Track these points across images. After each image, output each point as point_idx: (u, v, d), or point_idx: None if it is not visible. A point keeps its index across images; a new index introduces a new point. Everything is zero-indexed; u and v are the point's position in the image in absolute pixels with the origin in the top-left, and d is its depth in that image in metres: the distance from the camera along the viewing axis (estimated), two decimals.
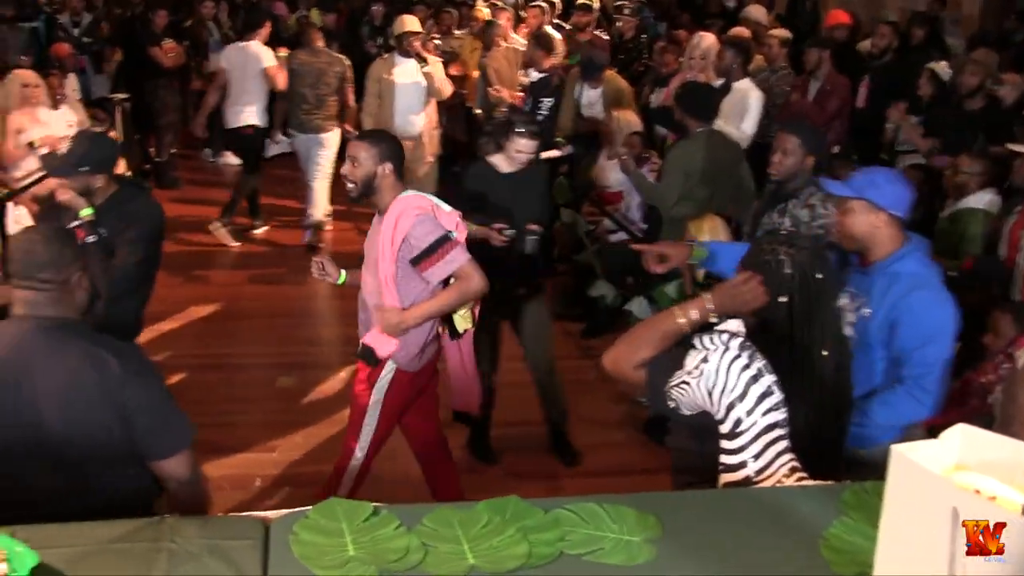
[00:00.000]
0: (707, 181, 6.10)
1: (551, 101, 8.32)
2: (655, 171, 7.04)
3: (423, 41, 9.01)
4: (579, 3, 11.12)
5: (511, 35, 9.91)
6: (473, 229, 4.67)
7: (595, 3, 11.21)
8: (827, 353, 2.98)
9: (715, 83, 7.43)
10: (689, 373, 2.76)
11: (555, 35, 9.28)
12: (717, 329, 2.80)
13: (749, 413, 2.68)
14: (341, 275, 4.51)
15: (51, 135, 7.56)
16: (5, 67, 9.27)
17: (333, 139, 8.91)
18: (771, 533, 2.42)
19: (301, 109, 8.83)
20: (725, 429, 2.72)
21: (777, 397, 2.69)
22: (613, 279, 7.09)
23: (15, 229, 7.01)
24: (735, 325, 2.83)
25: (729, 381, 2.68)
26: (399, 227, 4.13)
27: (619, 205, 7.72)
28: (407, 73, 8.32)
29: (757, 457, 2.68)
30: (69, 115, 8.72)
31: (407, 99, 8.31)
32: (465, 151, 10.73)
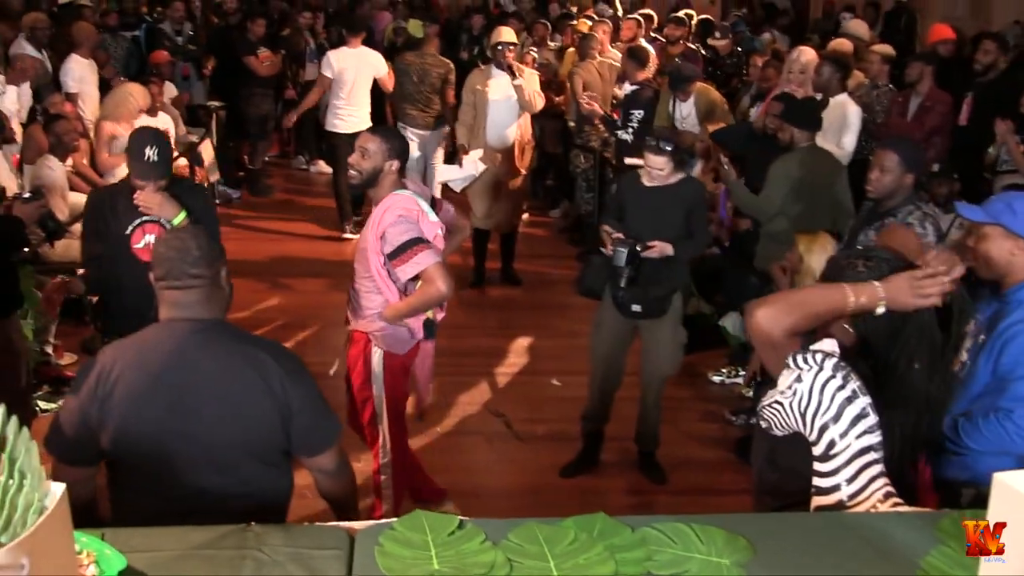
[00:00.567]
0: (803, 196, 6.01)
1: (641, 114, 8.26)
2: None
3: (520, 54, 9.10)
4: (673, 16, 11.06)
5: (608, 49, 9.87)
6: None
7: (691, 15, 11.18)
8: (919, 366, 2.88)
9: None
10: (782, 393, 2.71)
11: (648, 48, 9.23)
12: (811, 349, 2.73)
13: (843, 435, 2.61)
14: None
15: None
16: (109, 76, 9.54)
17: (438, 135, 9.77)
18: (865, 560, 2.35)
19: (411, 107, 9.50)
20: (818, 451, 2.66)
21: (872, 419, 2.62)
22: (707, 295, 7.02)
23: None
24: (829, 345, 2.76)
25: (823, 402, 2.62)
26: (382, 222, 4.32)
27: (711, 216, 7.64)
28: (501, 86, 8.26)
29: (851, 481, 2.62)
30: (167, 122, 8.96)
31: (500, 111, 8.26)
32: (557, 163, 10.79)
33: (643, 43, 9.72)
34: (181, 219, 4.51)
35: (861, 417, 2.61)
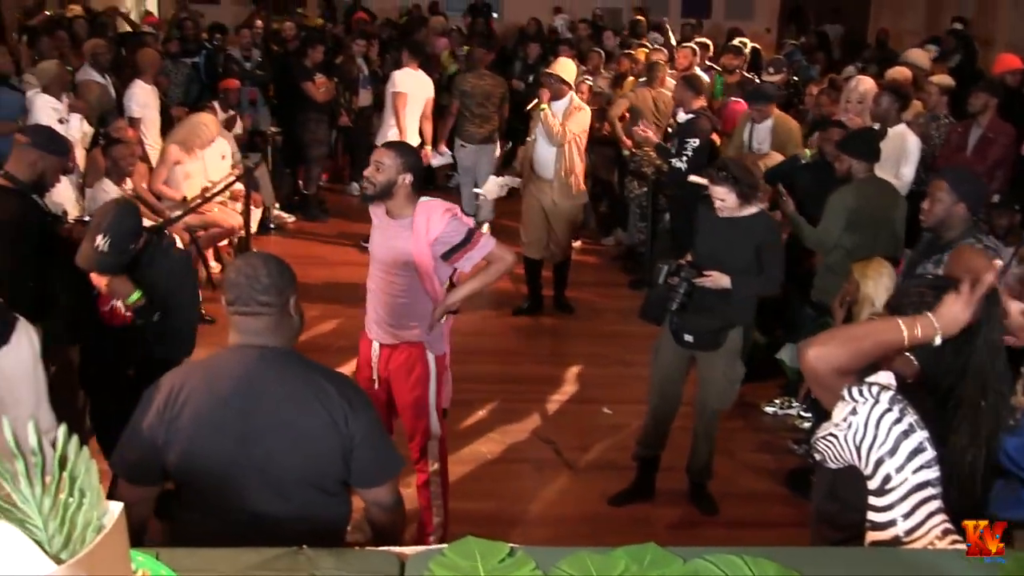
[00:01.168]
0: (861, 228, 5.95)
1: (696, 142, 8.19)
2: None
3: (576, 83, 9.14)
4: (730, 45, 11.04)
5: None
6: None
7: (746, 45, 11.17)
8: (987, 401, 2.84)
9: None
10: (836, 425, 2.68)
11: (704, 76, 9.22)
12: (867, 381, 2.70)
13: (899, 470, 2.58)
14: None
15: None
16: (166, 100, 9.72)
17: (492, 148, 10.34)
18: None
19: (471, 123, 10.11)
20: (873, 485, 2.63)
21: (930, 454, 2.58)
22: (763, 326, 6.95)
23: None
24: (885, 378, 2.73)
25: (879, 435, 2.59)
26: (431, 228, 4.50)
27: None
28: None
29: (907, 516, 2.58)
30: (224, 146, 9.10)
31: (543, 143, 8.27)
32: (611, 190, 10.79)
33: (698, 71, 9.71)
34: (134, 299, 4.46)
35: (918, 452, 2.57)
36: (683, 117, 8.41)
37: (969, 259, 3.95)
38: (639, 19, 15.60)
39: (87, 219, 5.48)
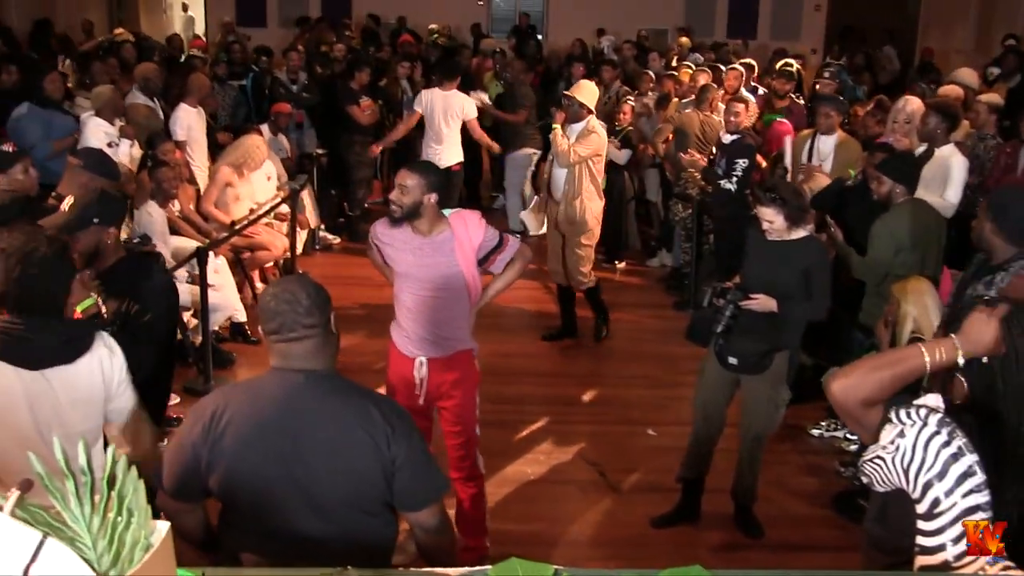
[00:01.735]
0: (908, 253, 5.90)
1: (745, 163, 8.17)
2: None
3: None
4: (780, 69, 11.00)
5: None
6: None
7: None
8: None
9: (918, 148, 7.19)
10: (884, 448, 2.65)
11: (750, 98, 9.19)
12: (915, 403, 2.67)
13: (948, 494, 2.55)
14: None
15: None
16: (216, 124, 9.85)
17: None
18: None
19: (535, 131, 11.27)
20: (922, 509, 2.59)
21: (979, 478, 2.55)
22: (809, 349, 6.89)
23: (214, 278, 7.36)
24: (933, 400, 2.70)
25: (927, 459, 2.56)
26: (472, 236, 4.72)
27: None
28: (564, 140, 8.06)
29: (957, 541, 2.54)
30: (269, 168, 9.21)
31: (558, 166, 8.13)
32: (656, 211, 10.79)
33: (744, 93, 9.68)
34: (86, 305, 4.28)
35: (968, 475, 2.54)
36: (728, 138, 8.38)
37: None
38: (683, 40, 15.64)
39: (136, 240, 5.57)
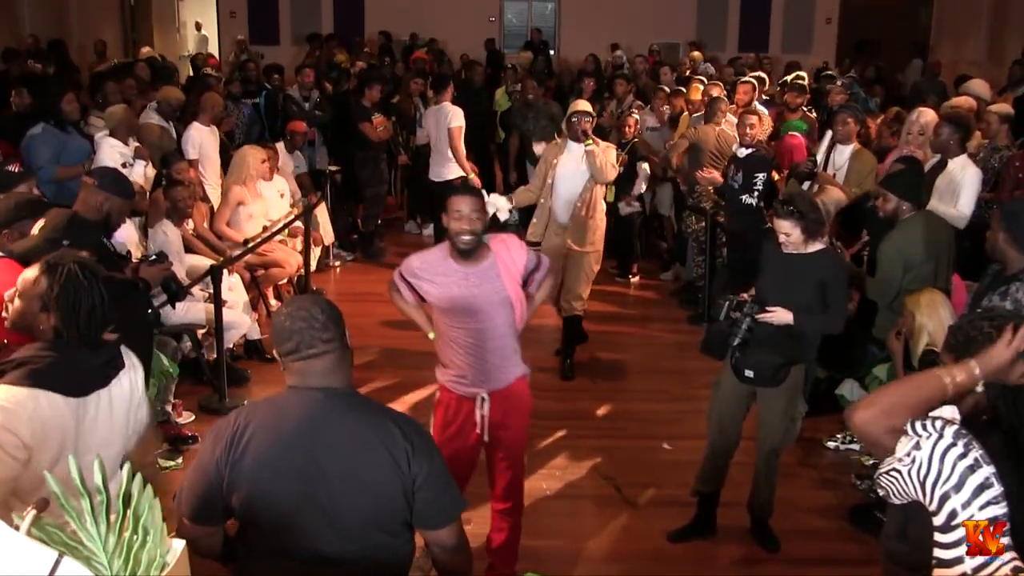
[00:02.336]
0: (920, 269, 5.90)
1: (764, 176, 8.14)
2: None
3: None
4: (792, 83, 11.00)
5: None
6: None
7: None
8: None
9: (931, 160, 7.18)
10: (900, 460, 2.64)
11: (763, 111, 9.19)
12: (931, 415, 2.67)
13: (965, 506, 2.54)
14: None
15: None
16: (229, 143, 9.90)
17: None
18: None
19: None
20: (939, 522, 2.58)
21: (996, 490, 2.54)
22: (824, 362, 6.88)
23: (228, 295, 7.39)
24: (950, 412, 2.69)
25: (943, 471, 2.55)
26: (516, 259, 4.68)
27: None
28: (573, 159, 7.83)
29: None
30: (281, 184, 9.25)
31: (568, 186, 7.83)
32: (670, 224, 10.79)
33: (758, 106, 9.67)
34: None
35: (985, 487, 2.53)
36: (743, 152, 8.35)
37: None
38: (695, 55, 15.66)
39: (153, 257, 5.59)
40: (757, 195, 8.19)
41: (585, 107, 7.98)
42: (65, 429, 3.20)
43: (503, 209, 7.78)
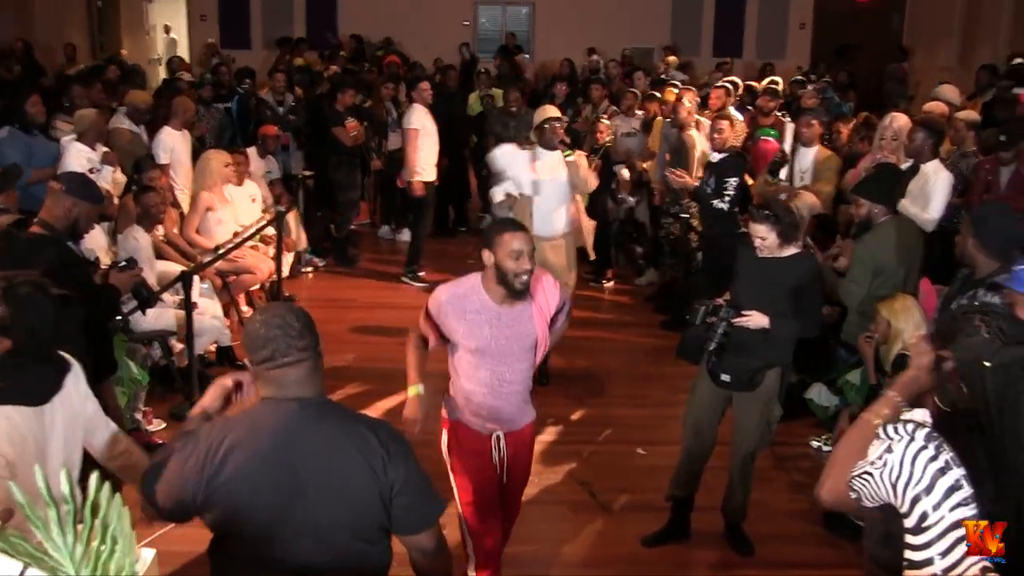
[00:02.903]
0: (890, 274, 5.95)
1: (736, 181, 8.14)
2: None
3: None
4: (765, 88, 11.03)
5: (695, 117, 9.80)
6: None
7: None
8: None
9: (904, 164, 7.23)
10: (872, 463, 2.66)
11: (737, 116, 9.20)
12: (902, 419, 2.68)
13: (936, 508, 2.56)
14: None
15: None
16: (201, 147, 9.84)
17: None
18: None
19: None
20: (910, 524, 2.60)
21: (967, 491, 2.56)
22: (795, 365, 6.90)
23: (200, 301, 7.34)
24: (921, 415, 2.72)
25: (915, 473, 2.57)
26: (550, 300, 4.46)
27: None
28: (549, 168, 7.63)
29: (944, 555, 2.55)
30: (253, 189, 9.19)
31: (548, 196, 7.61)
32: (644, 229, 10.80)
33: (732, 111, 9.69)
34: None
35: (955, 489, 2.55)
36: (716, 156, 8.35)
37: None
38: (670, 59, 15.69)
39: (123, 264, 5.55)
40: (728, 200, 8.16)
41: (556, 112, 7.88)
42: (37, 437, 3.25)
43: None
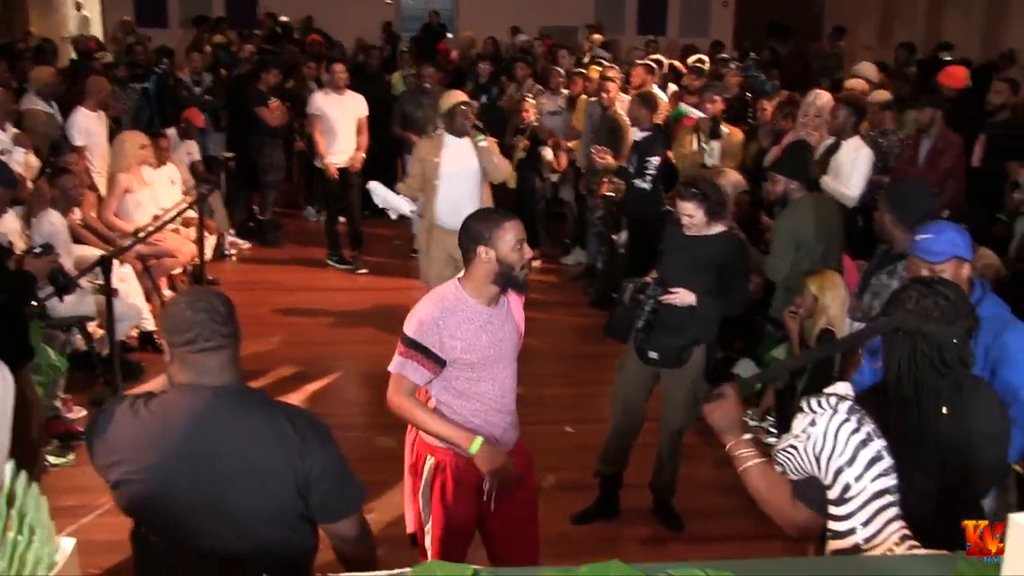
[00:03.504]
0: (811, 249, 6.03)
1: (657, 160, 8.14)
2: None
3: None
4: (690, 66, 11.10)
5: (618, 95, 9.79)
6: None
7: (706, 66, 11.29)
8: (947, 411, 2.88)
9: (827, 141, 7.33)
10: (796, 437, 2.70)
11: (660, 94, 9.23)
12: (825, 392, 2.72)
13: (858, 479, 2.60)
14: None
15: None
16: (117, 128, 9.62)
17: None
18: None
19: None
20: (833, 495, 2.64)
21: (887, 462, 2.60)
22: (722, 341, 6.97)
23: (120, 286, 7.20)
24: (843, 388, 2.75)
25: (837, 445, 2.61)
26: (517, 298, 4.20)
27: None
28: (457, 155, 7.35)
29: (866, 524, 2.60)
30: (172, 171, 9.02)
31: (454, 186, 7.31)
32: (570, 209, 10.83)
33: (655, 89, 9.72)
34: None
35: (876, 460, 2.59)
36: (639, 135, 8.35)
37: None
38: (595, 37, 15.70)
39: (38, 250, 5.41)
40: (650, 179, 8.17)
41: (464, 97, 7.61)
42: None
43: (400, 208, 7.58)
